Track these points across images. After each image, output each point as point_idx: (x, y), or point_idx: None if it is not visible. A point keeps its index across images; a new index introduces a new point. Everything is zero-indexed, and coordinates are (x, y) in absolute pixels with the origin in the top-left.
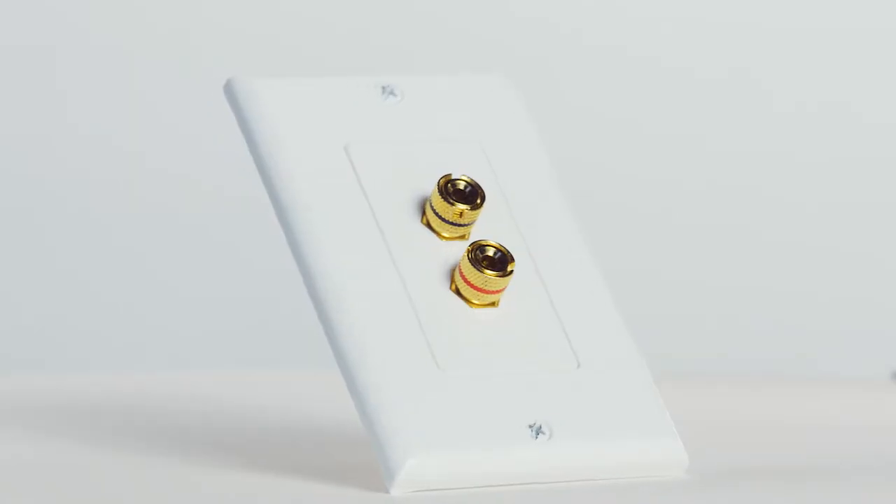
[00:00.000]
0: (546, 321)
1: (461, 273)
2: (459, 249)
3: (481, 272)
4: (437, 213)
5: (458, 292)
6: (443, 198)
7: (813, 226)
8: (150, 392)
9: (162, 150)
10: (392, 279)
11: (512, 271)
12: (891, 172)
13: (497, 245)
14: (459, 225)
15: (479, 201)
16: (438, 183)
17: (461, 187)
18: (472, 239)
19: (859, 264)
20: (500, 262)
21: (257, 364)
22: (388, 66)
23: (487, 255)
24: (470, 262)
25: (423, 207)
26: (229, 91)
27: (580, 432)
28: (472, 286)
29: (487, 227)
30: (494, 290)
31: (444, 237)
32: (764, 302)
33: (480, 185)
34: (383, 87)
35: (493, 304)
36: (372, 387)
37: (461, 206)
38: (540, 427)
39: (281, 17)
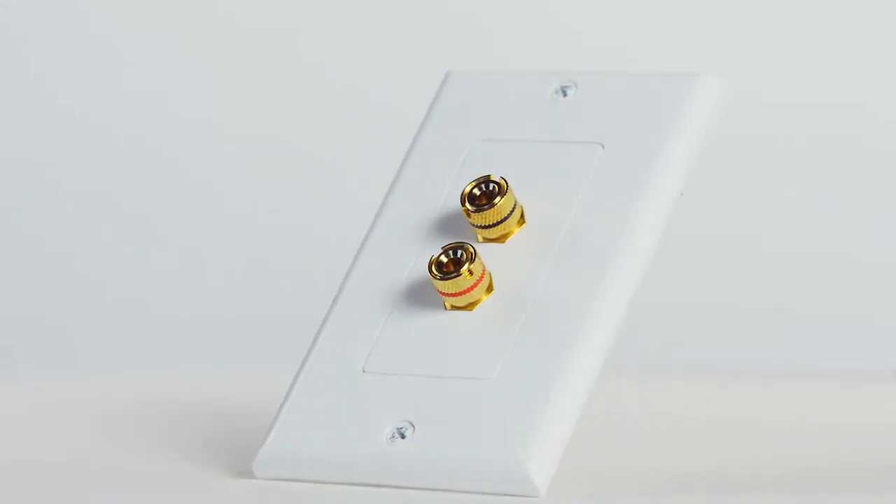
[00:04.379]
0: (505, 329)
1: None
2: (491, 252)
3: (432, 276)
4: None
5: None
6: (460, 199)
7: (812, 223)
8: (149, 392)
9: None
10: (397, 278)
11: (455, 277)
12: (892, 168)
13: (466, 248)
14: (477, 227)
15: (486, 203)
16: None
17: (477, 190)
18: (509, 243)
19: (859, 262)
20: (448, 268)
21: (257, 362)
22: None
23: (440, 260)
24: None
25: None
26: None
27: (439, 441)
28: (437, 290)
29: (534, 231)
30: (449, 293)
31: (480, 240)
32: (762, 300)
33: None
34: (561, 85)
35: (468, 306)
36: (297, 377)
37: (467, 207)
38: (403, 431)
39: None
